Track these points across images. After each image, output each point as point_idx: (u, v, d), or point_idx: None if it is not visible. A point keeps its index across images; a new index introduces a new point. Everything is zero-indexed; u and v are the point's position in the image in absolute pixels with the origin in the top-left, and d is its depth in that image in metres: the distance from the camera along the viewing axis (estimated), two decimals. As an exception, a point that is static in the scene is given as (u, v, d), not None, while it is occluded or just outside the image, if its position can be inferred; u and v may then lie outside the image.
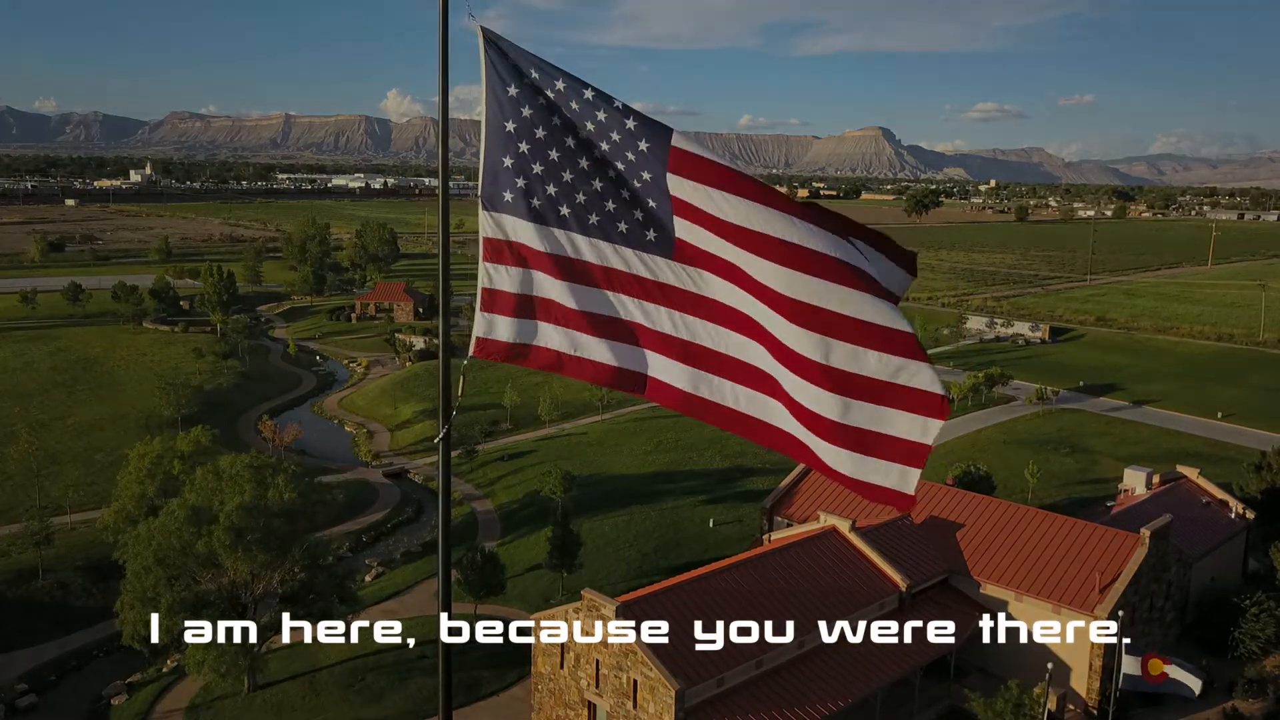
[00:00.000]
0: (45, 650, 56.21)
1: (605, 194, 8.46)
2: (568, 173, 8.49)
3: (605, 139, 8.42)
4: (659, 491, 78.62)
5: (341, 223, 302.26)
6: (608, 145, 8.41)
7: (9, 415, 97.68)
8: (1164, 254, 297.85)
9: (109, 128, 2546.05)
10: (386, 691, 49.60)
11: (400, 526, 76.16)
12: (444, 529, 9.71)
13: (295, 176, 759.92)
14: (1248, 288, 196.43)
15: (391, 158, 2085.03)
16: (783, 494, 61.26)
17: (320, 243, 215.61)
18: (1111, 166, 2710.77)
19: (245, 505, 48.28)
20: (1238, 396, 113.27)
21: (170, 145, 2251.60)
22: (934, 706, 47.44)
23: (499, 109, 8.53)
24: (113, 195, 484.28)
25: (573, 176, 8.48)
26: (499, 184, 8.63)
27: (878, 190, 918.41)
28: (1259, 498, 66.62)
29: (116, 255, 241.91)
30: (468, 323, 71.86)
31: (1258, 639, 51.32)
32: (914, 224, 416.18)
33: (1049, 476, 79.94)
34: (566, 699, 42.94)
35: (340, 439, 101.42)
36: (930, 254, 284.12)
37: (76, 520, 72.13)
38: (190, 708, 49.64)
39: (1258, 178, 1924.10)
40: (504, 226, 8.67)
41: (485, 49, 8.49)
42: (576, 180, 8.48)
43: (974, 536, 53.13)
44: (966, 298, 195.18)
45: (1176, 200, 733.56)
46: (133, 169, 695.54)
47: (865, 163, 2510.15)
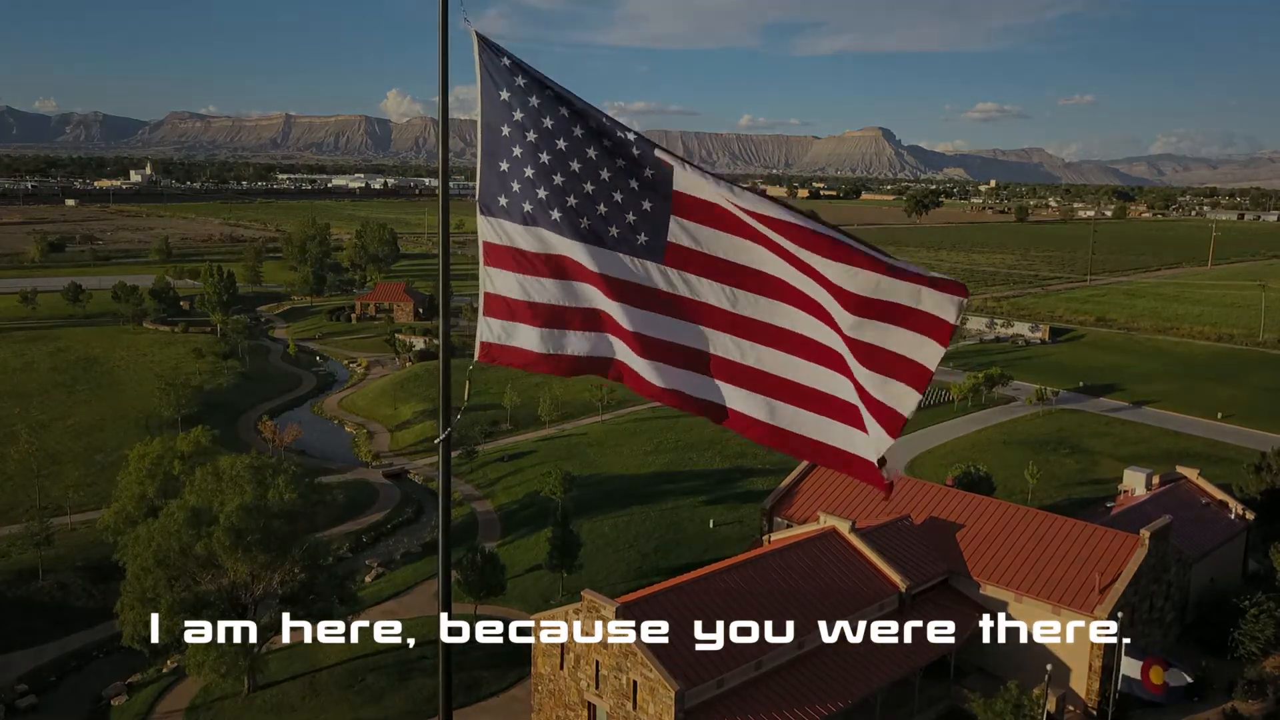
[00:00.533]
0: (45, 651, 56.19)
1: (596, 197, 8.49)
2: (558, 175, 8.51)
3: (595, 144, 8.46)
4: (659, 492, 78.62)
5: (341, 223, 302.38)
6: (596, 150, 8.46)
7: (9, 415, 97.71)
8: (1164, 254, 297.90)
9: (109, 128, 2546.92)
10: (386, 692, 49.61)
11: (400, 527, 76.16)
12: (444, 529, 9.73)
13: (295, 176, 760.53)
14: (1248, 288, 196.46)
15: (391, 158, 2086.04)
16: (783, 495, 61.28)
17: (320, 243, 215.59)
18: (1111, 167, 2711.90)
19: (245, 506, 48.29)
20: (1238, 397, 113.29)
21: (170, 145, 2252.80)
22: (934, 707, 47.45)
23: (494, 113, 8.58)
24: (113, 195, 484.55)
25: (563, 179, 8.51)
26: (496, 188, 8.68)
27: (878, 190, 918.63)
28: (1259, 498, 66.63)
29: (116, 255, 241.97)
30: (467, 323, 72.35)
31: (1257, 640, 51.32)
32: (914, 224, 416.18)
33: (1049, 477, 79.95)
34: (566, 700, 42.94)
35: (340, 439, 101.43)
36: (930, 254, 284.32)
37: (77, 521, 72.14)
38: (190, 708, 49.64)
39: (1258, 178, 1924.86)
40: (502, 231, 8.72)
41: (480, 54, 8.54)
42: (568, 183, 8.52)
43: (974, 537, 53.15)
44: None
45: (1176, 200, 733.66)
46: (133, 169, 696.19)
47: (865, 163, 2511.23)
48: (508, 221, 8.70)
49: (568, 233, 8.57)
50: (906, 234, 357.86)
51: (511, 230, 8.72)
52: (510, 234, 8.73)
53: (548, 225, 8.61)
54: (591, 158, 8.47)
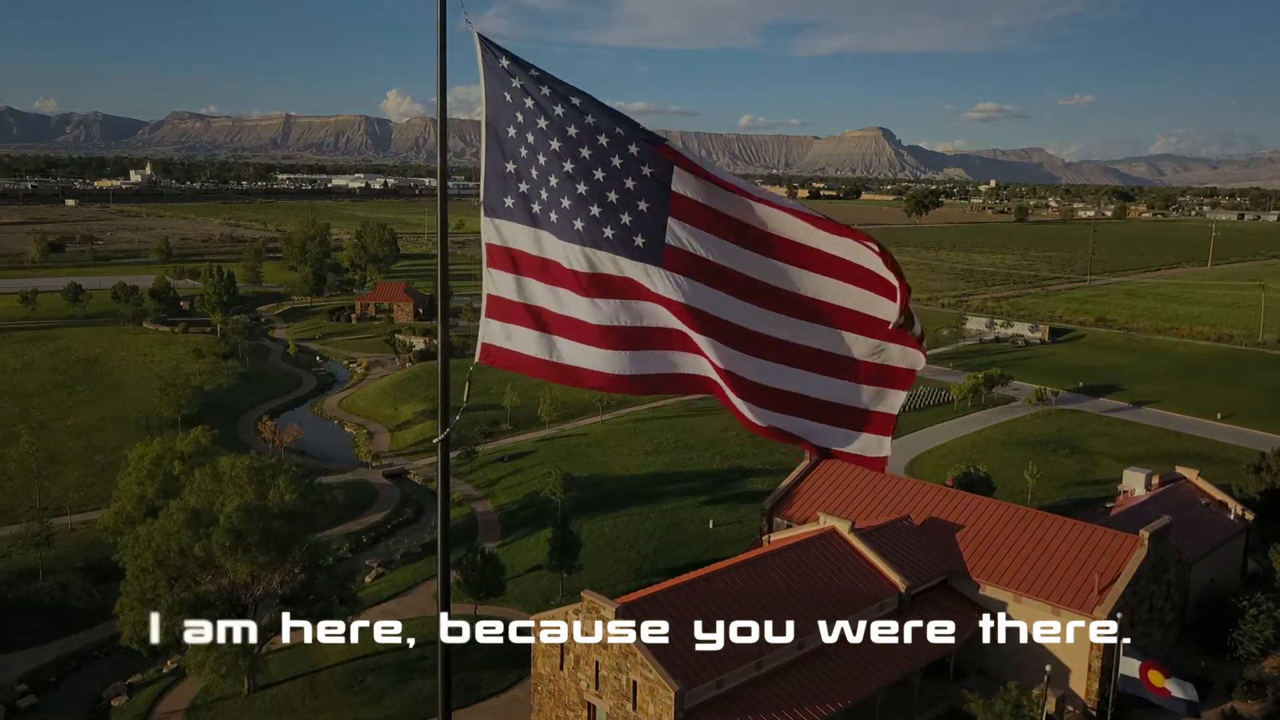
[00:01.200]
0: (45, 651, 56.19)
1: (590, 198, 8.43)
2: (554, 177, 8.48)
3: (591, 143, 8.42)
4: (659, 492, 78.63)
5: (341, 223, 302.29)
6: (591, 151, 8.42)
7: (9, 416, 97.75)
8: (1164, 254, 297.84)
9: (109, 128, 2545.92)
10: (386, 692, 49.63)
11: (400, 527, 76.17)
12: (443, 530, 9.75)
13: (295, 177, 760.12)
14: (1247, 288, 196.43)
15: (391, 158, 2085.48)
16: (782, 495, 61.26)
17: (320, 243, 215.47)
18: (1111, 167, 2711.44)
19: (245, 507, 48.29)
20: (1237, 397, 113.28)
21: (170, 145, 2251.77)
22: (934, 708, 47.45)
23: (497, 115, 8.56)
24: (113, 195, 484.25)
25: (558, 181, 8.48)
26: (500, 190, 8.66)
27: (878, 190, 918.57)
28: (1258, 499, 66.64)
29: (116, 255, 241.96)
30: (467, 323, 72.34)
31: (1257, 640, 51.30)
32: (914, 224, 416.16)
33: (1048, 477, 79.96)
34: (566, 700, 42.96)
35: (340, 439, 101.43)
36: (930, 254, 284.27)
37: (77, 521, 72.15)
38: (190, 709, 49.66)
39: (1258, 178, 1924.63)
40: (505, 233, 8.70)
41: (483, 55, 8.52)
42: (563, 185, 8.48)
43: (973, 537, 53.15)
44: (966, 298, 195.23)
45: (1176, 201, 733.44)
46: (133, 169, 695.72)
47: (865, 163, 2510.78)
48: (513, 223, 8.67)
49: (569, 235, 8.56)
50: (906, 234, 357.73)
51: (516, 232, 8.69)
52: (515, 236, 8.70)
53: (549, 226, 8.60)
54: (585, 158, 8.45)
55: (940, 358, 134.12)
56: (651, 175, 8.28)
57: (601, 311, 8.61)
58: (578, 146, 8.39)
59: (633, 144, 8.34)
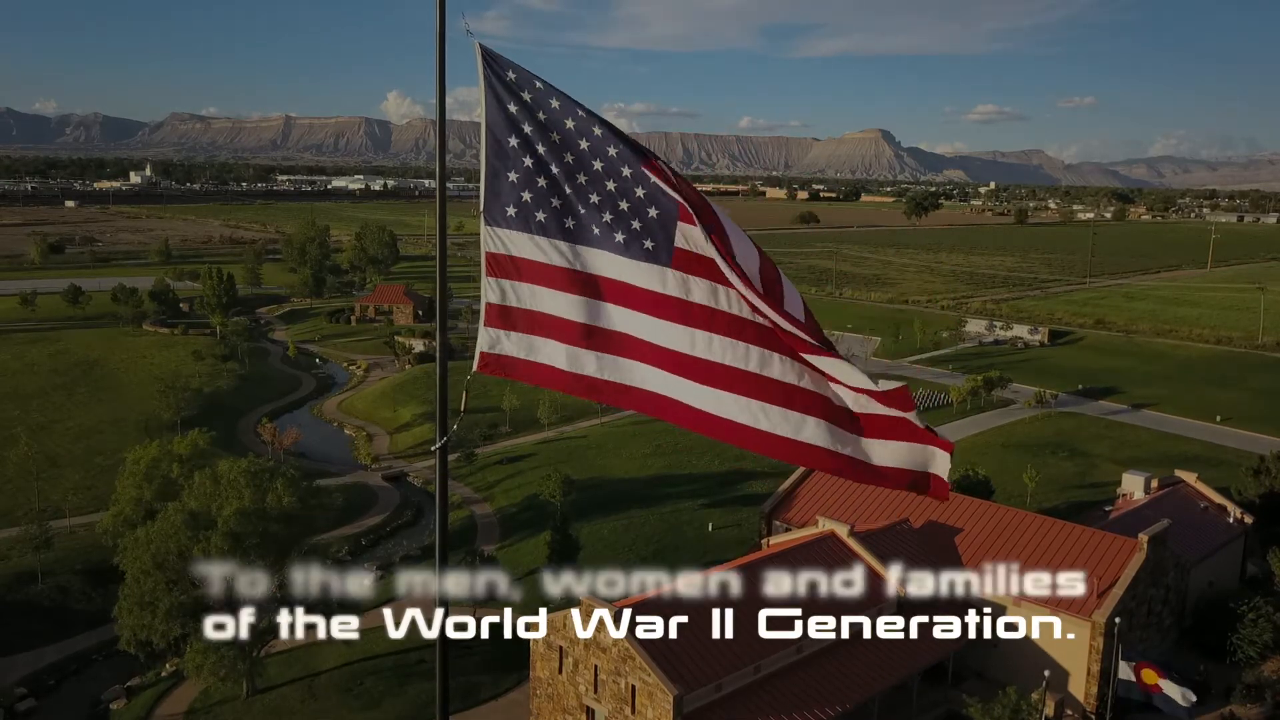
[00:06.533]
0: (44, 654, 56.19)
1: (603, 206, 8.51)
2: (568, 187, 8.54)
3: (600, 155, 8.50)
4: (658, 495, 78.62)
5: (341, 225, 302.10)
6: (602, 162, 8.50)
7: (8, 418, 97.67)
8: (1163, 257, 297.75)
9: (109, 129, 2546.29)
10: (385, 696, 49.62)
11: (399, 530, 76.18)
12: (441, 530, 9.76)
13: (295, 178, 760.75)
14: (1247, 291, 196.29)
15: (391, 159, 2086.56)
16: (781, 498, 61.25)
17: (320, 245, 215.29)
18: (1111, 169, 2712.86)
19: (243, 510, 48.26)
20: (1237, 400, 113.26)
21: (170, 146, 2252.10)
22: (932, 712, 47.44)
23: (500, 124, 8.54)
24: (112, 197, 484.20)
25: (571, 191, 8.53)
26: (501, 199, 8.64)
27: (877, 192, 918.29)
28: (1257, 502, 66.59)
29: (116, 257, 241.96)
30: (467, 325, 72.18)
31: (1255, 644, 51.26)
32: (913, 226, 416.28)
33: (1047, 480, 79.93)
34: (565, 704, 42.94)
35: (339, 442, 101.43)
36: (930, 256, 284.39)
37: (76, 524, 72.12)
38: (189, 712, 49.66)
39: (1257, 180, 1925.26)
40: (506, 241, 8.69)
41: (483, 65, 8.51)
42: (576, 195, 8.53)
43: (972, 541, 53.15)
44: (966, 300, 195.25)
45: (1176, 203, 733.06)
46: (133, 170, 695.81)
47: (865, 165, 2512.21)
48: (514, 232, 8.66)
49: (578, 241, 8.57)
50: (906, 236, 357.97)
51: (517, 240, 8.68)
52: (516, 244, 8.69)
53: (559, 234, 8.60)
54: (598, 170, 8.52)
55: (939, 360, 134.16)
56: (658, 216, 8.58)
57: (613, 318, 8.64)
58: (591, 159, 8.52)
59: (641, 186, 8.61)
